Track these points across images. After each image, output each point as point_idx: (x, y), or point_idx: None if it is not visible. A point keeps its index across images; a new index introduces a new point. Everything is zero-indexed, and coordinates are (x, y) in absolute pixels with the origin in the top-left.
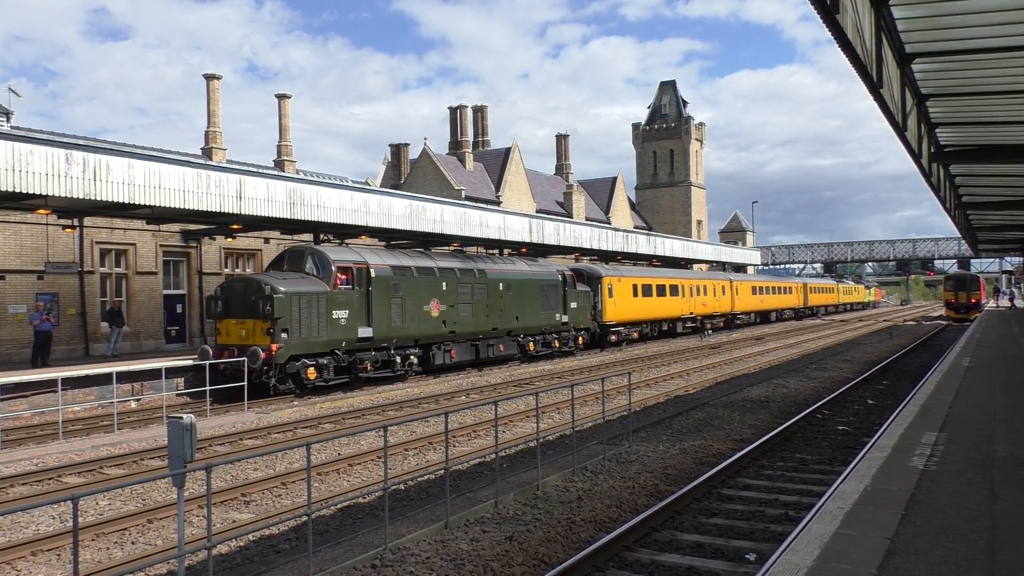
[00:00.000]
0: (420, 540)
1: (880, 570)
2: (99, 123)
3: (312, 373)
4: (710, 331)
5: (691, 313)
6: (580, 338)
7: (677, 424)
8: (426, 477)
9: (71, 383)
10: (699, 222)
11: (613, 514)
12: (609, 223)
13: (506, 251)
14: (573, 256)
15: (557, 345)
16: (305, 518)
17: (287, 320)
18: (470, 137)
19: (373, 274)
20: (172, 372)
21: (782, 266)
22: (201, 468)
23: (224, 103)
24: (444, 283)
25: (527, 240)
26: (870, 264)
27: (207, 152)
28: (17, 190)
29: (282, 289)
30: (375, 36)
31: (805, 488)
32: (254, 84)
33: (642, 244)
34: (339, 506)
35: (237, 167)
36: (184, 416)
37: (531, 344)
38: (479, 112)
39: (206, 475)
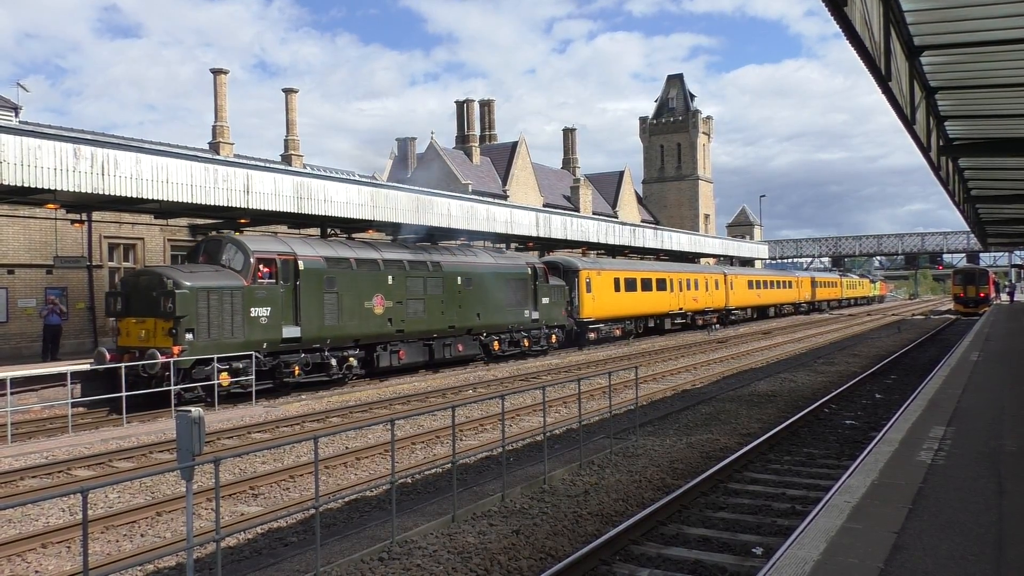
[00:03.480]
0: (427, 533)
1: (887, 564)
2: (109, 119)
3: (226, 379)
4: (717, 326)
5: (680, 308)
6: (554, 336)
7: (684, 418)
8: (433, 471)
9: (81, 376)
10: (707, 216)
11: (620, 508)
12: (616, 217)
13: (453, 239)
14: (580, 251)
15: (527, 344)
16: (313, 511)
17: (192, 319)
18: (477, 131)
19: (301, 267)
20: (76, 376)
21: (790, 260)
22: (209, 461)
23: (233, 99)
24: (390, 277)
25: (534, 234)
26: (878, 258)
27: (214, 147)
28: (26, 184)
29: (187, 284)
30: (383, 32)
31: (812, 482)
32: (263, 81)
33: (649, 238)
34: (346, 499)
35: (244, 161)
36: (192, 410)
37: (495, 343)
38: (486, 106)
39: (214, 468)
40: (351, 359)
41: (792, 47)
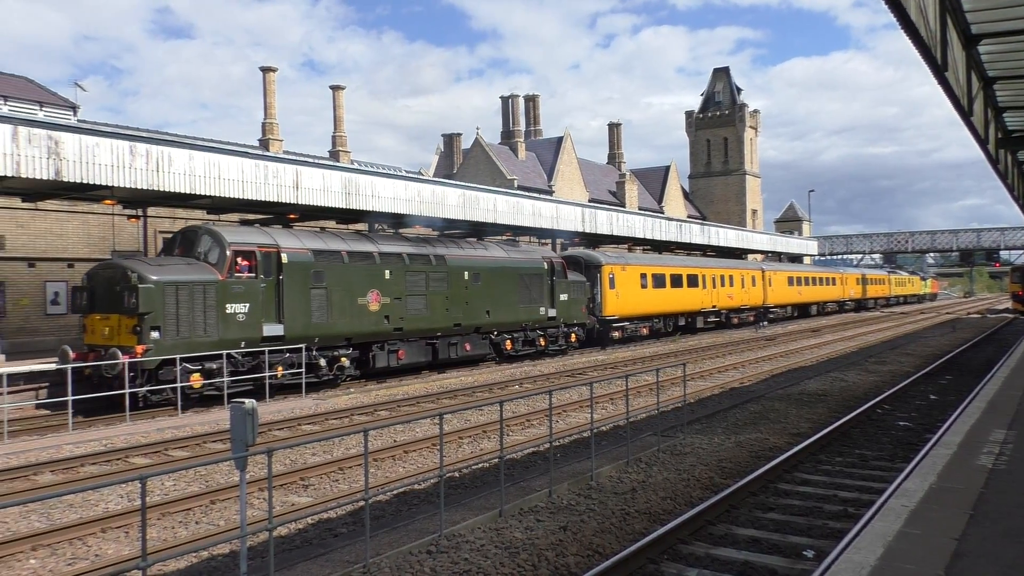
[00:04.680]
0: (475, 527)
1: (947, 571)
2: (163, 117)
3: (198, 380)
4: (765, 323)
5: (713, 306)
6: (573, 335)
7: (732, 416)
8: (480, 465)
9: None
10: (754, 211)
11: (667, 506)
12: (662, 213)
13: (500, 235)
14: (626, 246)
15: (543, 343)
16: (362, 503)
17: (159, 316)
18: (522, 127)
19: (285, 259)
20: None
21: (839, 256)
22: (262, 452)
23: (282, 97)
24: (387, 271)
25: (580, 230)
26: (931, 255)
27: (264, 143)
28: (84, 181)
29: (152, 278)
30: (427, 30)
31: (865, 485)
32: (311, 78)
33: (696, 234)
34: (395, 492)
35: (294, 157)
36: (246, 401)
37: (507, 342)
38: (531, 102)
39: (267, 459)
40: (343, 359)
41: (840, 39)
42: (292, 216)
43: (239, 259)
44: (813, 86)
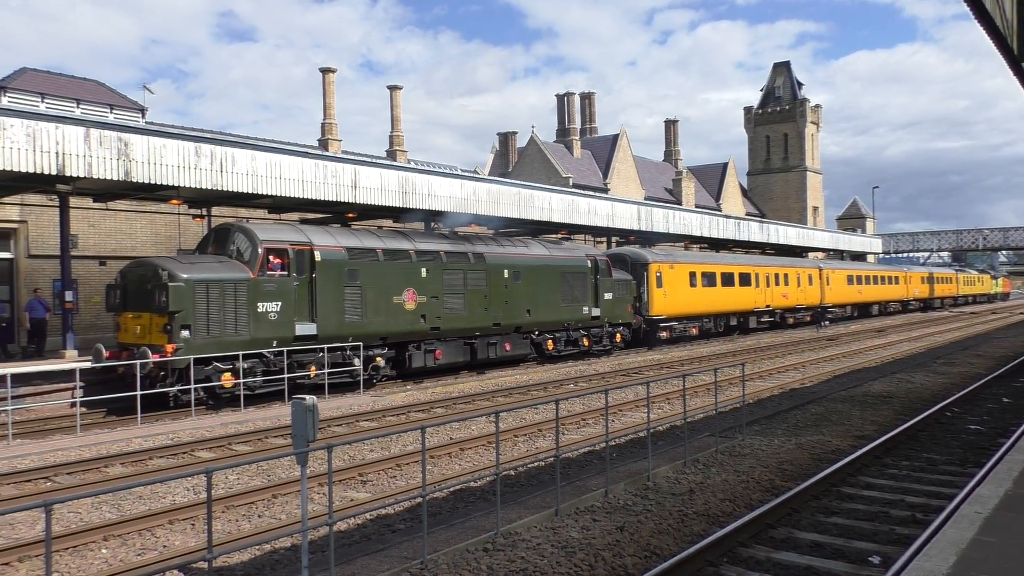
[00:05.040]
0: (531, 526)
1: None
2: (226, 119)
3: (229, 379)
4: (826, 322)
5: (767, 306)
6: (618, 335)
7: (792, 418)
8: (536, 464)
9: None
10: (815, 208)
11: (727, 508)
12: (720, 210)
13: (554, 233)
14: (683, 244)
15: (586, 343)
16: (419, 499)
17: (189, 314)
18: (578, 124)
19: (318, 257)
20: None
21: (905, 254)
22: (322, 448)
23: (341, 97)
24: (424, 269)
25: (636, 228)
26: (1003, 253)
27: (323, 143)
28: (152, 181)
29: (183, 276)
30: (484, 29)
31: (934, 490)
32: (369, 79)
33: (754, 232)
34: (451, 489)
35: (352, 157)
36: (307, 398)
37: (549, 342)
38: (587, 99)
39: (327, 455)
40: (378, 359)
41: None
42: (351, 215)
43: (271, 257)
44: (878, 80)
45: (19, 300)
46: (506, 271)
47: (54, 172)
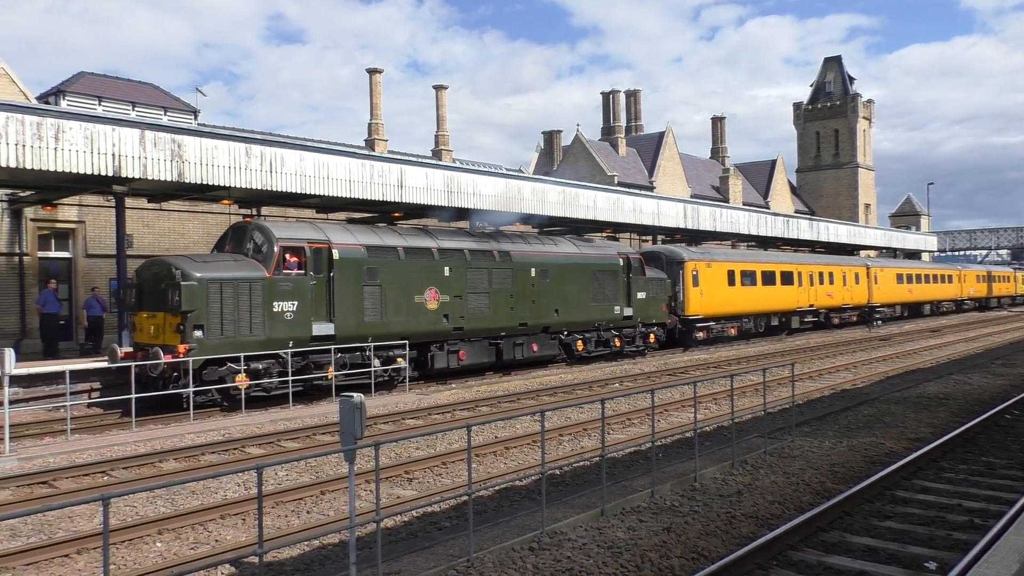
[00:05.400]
0: (576, 526)
1: None
2: (276, 120)
3: (243, 380)
4: (879, 322)
5: (810, 305)
6: (652, 335)
7: (844, 419)
8: (581, 463)
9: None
10: (867, 206)
11: (776, 511)
12: (768, 208)
13: (600, 231)
14: (730, 243)
15: (618, 344)
16: (465, 498)
17: (202, 314)
18: (623, 122)
19: (336, 256)
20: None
21: (961, 252)
22: (370, 445)
23: (387, 97)
24: (447, 268)
25: (682, 226)
26: None
27: (370, 143)
28: (204, 182)
29: (196, 275)
30: (529, 28)
31: (993, 495)
32: (415, 79)
33: (804, 229)
34: (497, 488)
35: (398, 157)
36: (355, 395)
37: (579, 343)
38: (632, 97)
39: (374, 452)
40: (399, 359)
41: (963, 23)
42: (397, 214)
43: (288, 255)
44: (933, 73)
45: (77, 298)
46: (533, 269)
47: (111, 173)
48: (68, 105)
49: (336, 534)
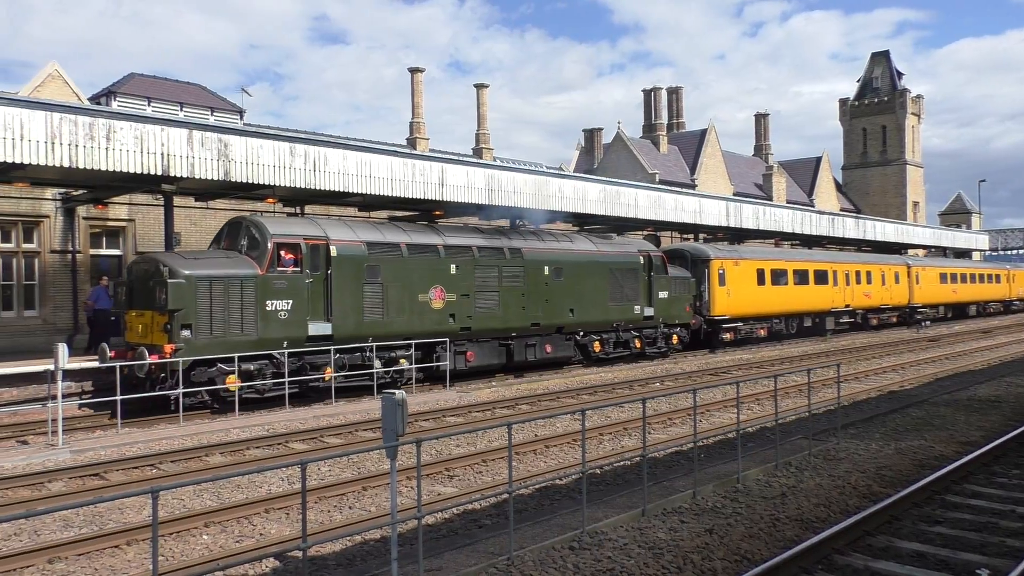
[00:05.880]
0: (617, 526)
1: None
2: (319, 120)
3: (234, 382)
4: (928, 322)
5: (846, 305)
6: (675, 336)
7: (892, 421)
8: (621, 463)
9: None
10: (915, 204)
11: (821, 514)
12: (812, 206)
13: (640, 229)
14: (773, 241)
15: (638, 345)
16: (506, 495)
17: (190, 313)
18: (664, 120)
19: (334, 252)
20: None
21: (1015, 251)
22: (411, 442)
23: (429, 96)
24: (453, 265)
25: (724, 224)
26: None
27: (411, 142)
28: (250, 181)
29: (184, 272)
30: (570, 26)
31: None
32: (456, 78)
33: (850, 228)
34: (537, 486)
35: (439, 155)
36: (396, 392)
37: (596, 344)
38: (674, 94)
39: (416, 449)
40: (402, 360)
41: (1017, 16)
42: (438, 213)
43: (282, 252)
44: (984, 68)
45: None
46: (546, 267)
47: (159, 172)
48: (119, 106)
49: (378, 530)
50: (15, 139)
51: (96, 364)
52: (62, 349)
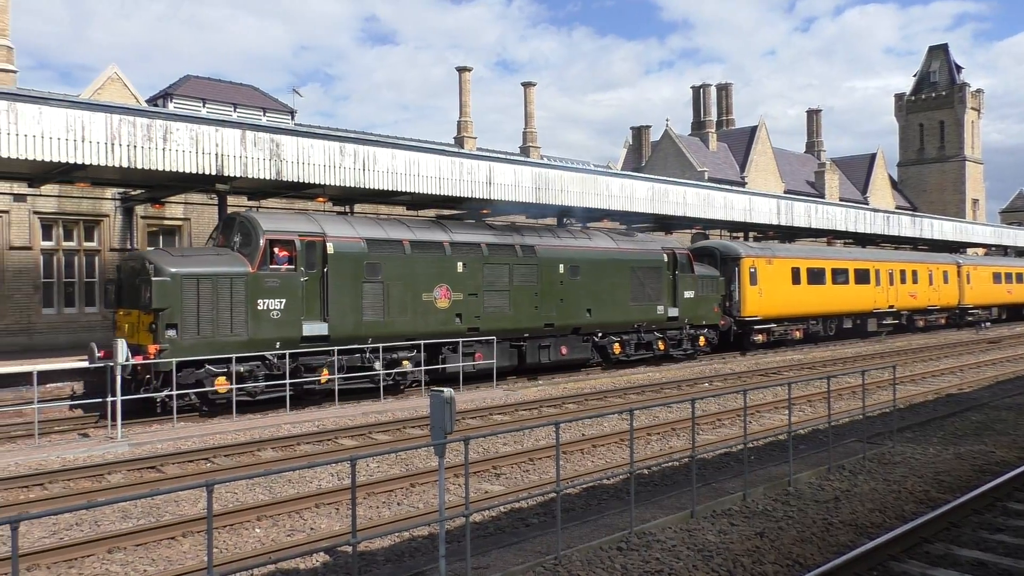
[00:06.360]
0: (665, 527)
1: None
2: (368, 120)
3: (223, 384)
4: (987, 323)
5: (889, 306)
6: (702, 338)
7: (950, 425)
8: (669, 464)
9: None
10: (975, 201)
11: (876, 519)
12: (867, 204)
13: (689, 228)
14: (825, 240)
15: (662, 347)
16: (553, 494)
17: (176, 312)
18: (714, 117)
19: (331, 249)
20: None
21: None
22: (459, 440)
23: (477, 96)
24: (460, 263)
25: (775, 222)
26: None
27: (459, 141)
28: (301, 180)
29: (170, 270)
30: (617, 23)
31: None
32: (503, 77)
33: (905, 226)
34: (584, 486)
35: (486, 154)
36: (445, 390)
37: (616, 346)
38: (723, 90)
39: (464, 447)
40: (405, 362)
41: None
42: (484, 211)
43: (276, 249)
44: None
45: None
46: (561, 265)
47: (214, 172)
48: (175, 107)
49: (426, 527)
50: (77, 140)
51: (88, 364)
52: (121, 345)
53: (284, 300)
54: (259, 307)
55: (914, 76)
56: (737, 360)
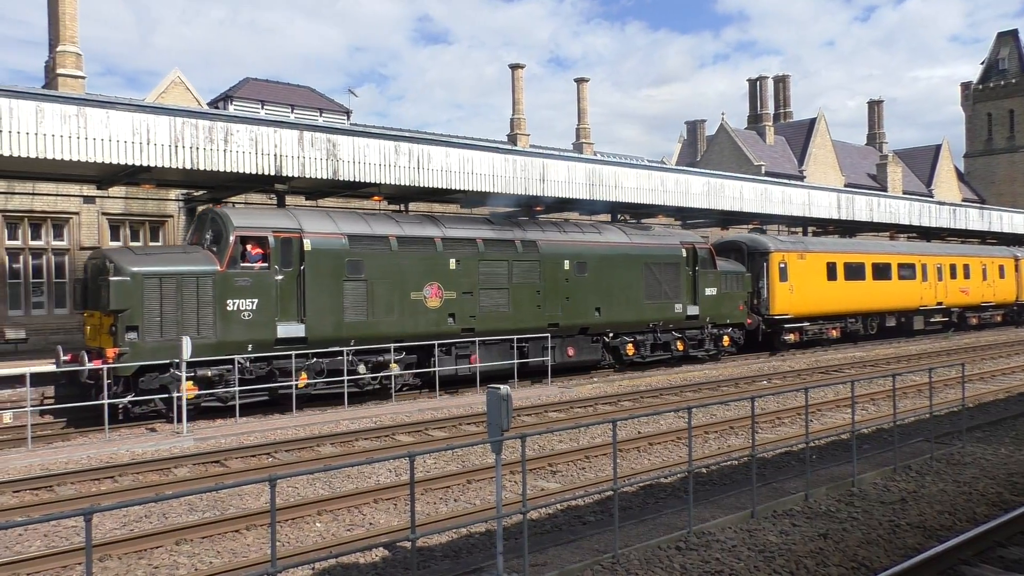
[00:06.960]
0: (725, 527)
1: None
2: (422, 119)
3: (191, 390)
4: None
5: (938, 303)
6: (726, 338)
7: (1022, 425)
8: (728, 463)
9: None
10: None
11: (946, 521)
12: (932, 197)
13: (746, 224)
14: (888, 234)
15: (680, 347)
16: (610, 492)
17: (136, 314)
18: (771, 110)
19: (308, 246)
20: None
21: None
22: (516, 437)
23: (530, 93)
24: (453, 260)
25: (835, 217)
26: None
27: (512, 138)
28: (357, 179)
29: (130, 269)
30: (671, 17)
31: None
32: (556, 74)
33: (973, 219)
34: (641, 484)
35: (540, 151)
36: (501, 387)
37: (629, 346)
38: (780, 83)
39: (520, 444)
40: (393, 364)
41: None
42: (538, 208)
43: (247, 246)
44: None
45: None
46: (567, 262)
47: (273, 173)
48: (235, 109)
49: (483, 524)
50: (143, 143)
51: (56, 369)
52: (185, 342)
53: (256, 300)
54: (228, 308)
55: (981, 64)
56: (796, 358)
